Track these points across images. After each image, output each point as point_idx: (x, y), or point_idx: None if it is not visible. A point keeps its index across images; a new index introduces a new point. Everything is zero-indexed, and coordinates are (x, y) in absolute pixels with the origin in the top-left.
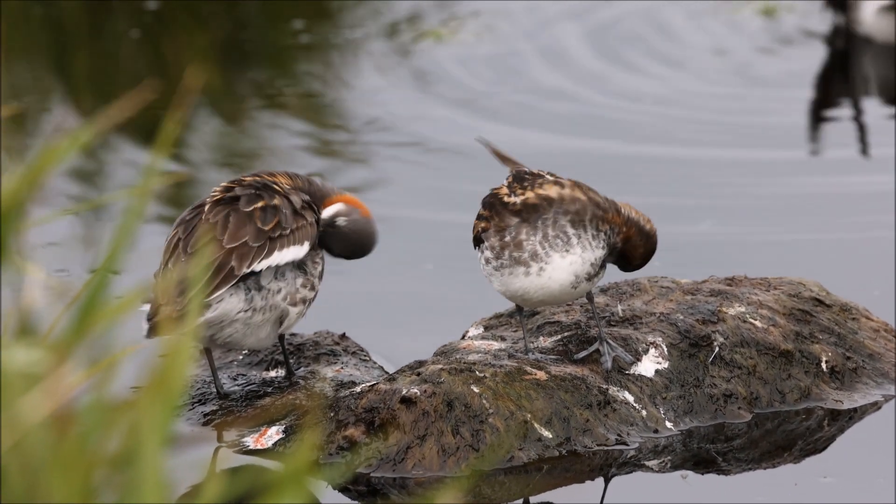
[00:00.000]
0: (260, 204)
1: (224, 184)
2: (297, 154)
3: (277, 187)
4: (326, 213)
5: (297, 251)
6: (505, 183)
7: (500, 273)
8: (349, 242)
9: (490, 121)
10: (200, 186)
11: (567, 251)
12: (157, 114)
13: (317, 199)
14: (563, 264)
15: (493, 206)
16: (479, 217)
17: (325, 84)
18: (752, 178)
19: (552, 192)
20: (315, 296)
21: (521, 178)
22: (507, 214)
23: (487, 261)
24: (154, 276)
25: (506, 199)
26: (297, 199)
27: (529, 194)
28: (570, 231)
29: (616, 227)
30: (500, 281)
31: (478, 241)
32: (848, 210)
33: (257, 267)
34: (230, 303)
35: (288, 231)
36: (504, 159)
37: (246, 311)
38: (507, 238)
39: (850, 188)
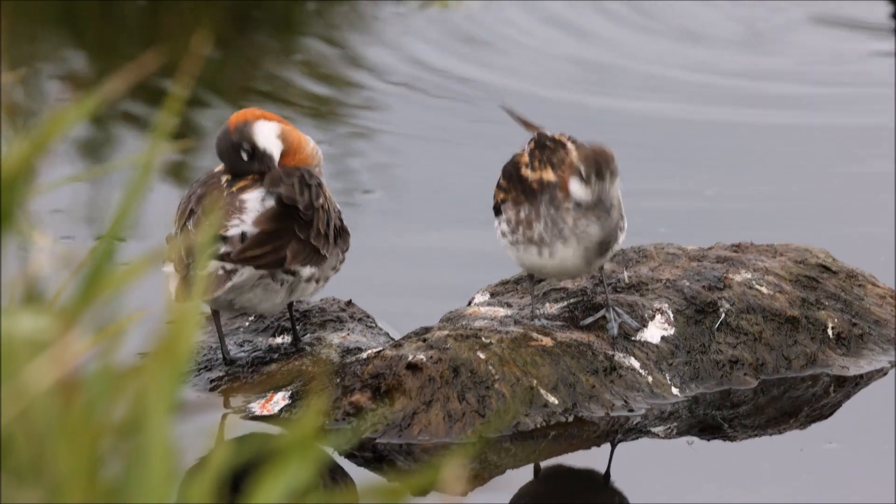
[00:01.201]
0: (321, 201)
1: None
2: (305, 120)
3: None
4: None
5: (311, 272)
6: (527, 149)
7: (516, 248)
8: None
9: (506, 79)
10: (207, 154)
11: (566, 241)
12: (163, 81)
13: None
14: (567, 251)
15: (510, 176)
16: (499, 187)
17: (333, 50)
18: (760, 144)
19: (565, 174)
20: (336, 272)
21: (542, 145)
22: (523, 189)
23: (503, 234)
24: (169, 239)
25: (524, 170)
26: (335, 206)
27: (542, 175)
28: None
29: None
30: (516, 256)
31: (497, 211)
32: (855, 176)
33: (297, 268)
34: (249, 270)
35: (327, 256)
36: (526, 125)
37: (266, 276)
38: (522, 215)
39: (858, 154)
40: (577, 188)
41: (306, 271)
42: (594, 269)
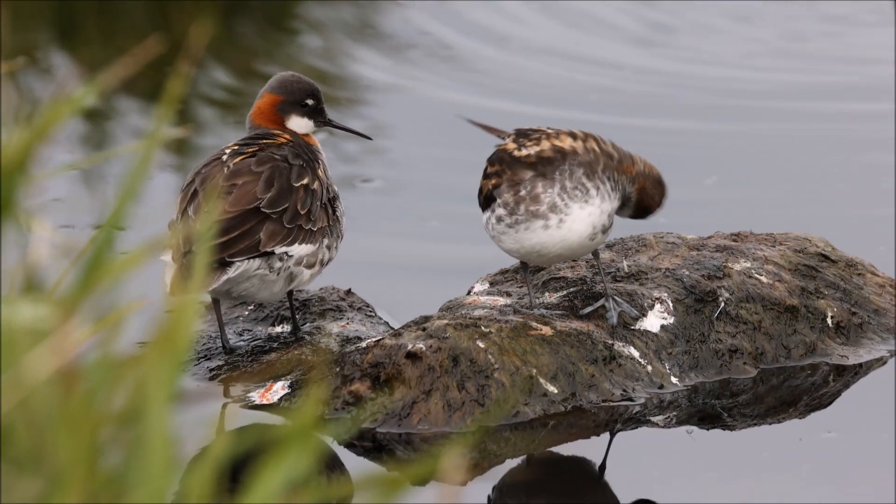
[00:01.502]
0: (305, 181)
1: (235, 144)
2: None
3: (318, 167)
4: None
5: (310, 248)
6: (508, 139)
7: (515, 229)
8: None
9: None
10: (206, 142)
11: (586, 202)
12: (162, 70)
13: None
14: (582, 215)
15: (502, 160)
16: (488, 175)
17: (331, 39)
18: (758, 134)
19: (566, 143)
20: (331, 258)
21: (524, 133)
22: (521, 168)
23: (500, 219)
24: (170, 225)
25: (516, 153)
26: (326, 184)
27: (544, 145)
28: (588, 182)
29: (631, 177)
30: (515, 238)
31: (489, 200)
32: (854, 165)
33: (278, 249)
34: (251, 262)
35: (316, 229)
36: (494, 131)
37: (263, 268)
38: (523, 192)
39: (857, 143)
40: (651, 195)
41: (296, 251)
42: (595, 245)
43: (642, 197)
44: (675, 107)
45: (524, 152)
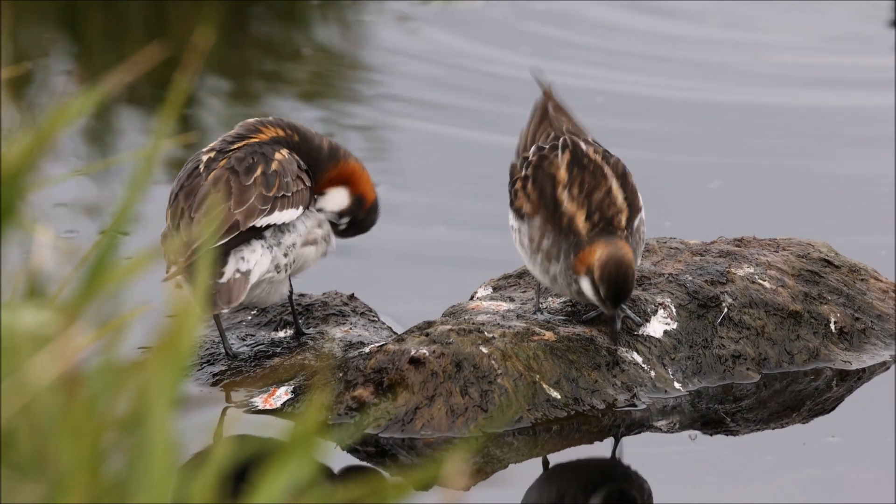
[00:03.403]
0: (258, 172)
1: (214, 146)
2: (309, 112)
3: (276, 155)
4: (330, 203)
5: (293, 214)
6: (562, 160)
7: (532, 260)
8: (352, 234)
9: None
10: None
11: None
12: (166, 74)
13: (314, 161)
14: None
15: (542, 193)
16: (526, 194)
17: (337, 42)
18: (764, 136)
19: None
20: (331, 240)
21: (580, 163)
22: (552, 217)
23: (521, 244)
24: (163, 238)
25: (559, 193)
26: (292, 162)
27: (580, 217)
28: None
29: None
30: (530, 265)
31: (518, 213)
32: (857, 168)
33: (259, 222)
34: (262, 264)
35: (290, 194)
36: (557, 108)
37: (271, 271)
38: (545, 244)
39: (863, 144)
40: (587, 290)
41: (277, 218)
42: None
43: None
44: (680, 108)
45: (565, 201)
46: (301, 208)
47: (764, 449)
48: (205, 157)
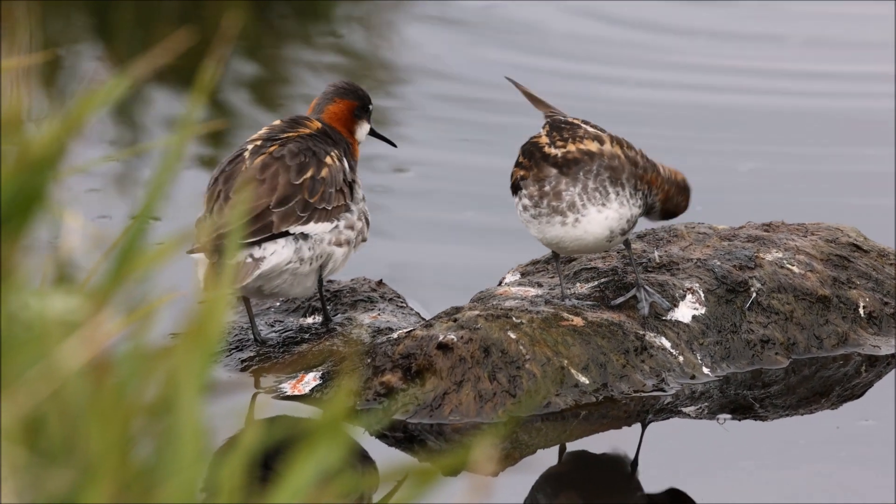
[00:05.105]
0: (308, 174)
1: (264, 131)
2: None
3: (327, 159)
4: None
5: (326, 227)
6: (543, 132)
7: (538, 221)
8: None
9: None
10: (238, 133)
11: (604, 205)
12: (195, 60)
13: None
14: (598, 218)
15: (532, 155)
16: (518, 165)
17: (364, 28)
18: (792, 122)
19: (593, 146)
20: (361, 239)
21: (558, 128)
22: (546, 166)
23: (525, 208)
24: (198, 223)
25: (546, 149)
26: (339, 171)
27: (571, 147)
28: (609, 186)
29: (655, 187)
30: (538, 228)
31: (516, 189)
32: (887, 153)
33: (294, 230)
34: (281, 255)
35: (330, 208)
36: (535, 101)
37: (294, 262)
38: (547, 188)
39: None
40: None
41: (311, 229)
42: (613, 245)
43: (667, 204)
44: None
45: (552, 151)
46: (335, 222)
47: (794, 434)
48: (250, 146)
